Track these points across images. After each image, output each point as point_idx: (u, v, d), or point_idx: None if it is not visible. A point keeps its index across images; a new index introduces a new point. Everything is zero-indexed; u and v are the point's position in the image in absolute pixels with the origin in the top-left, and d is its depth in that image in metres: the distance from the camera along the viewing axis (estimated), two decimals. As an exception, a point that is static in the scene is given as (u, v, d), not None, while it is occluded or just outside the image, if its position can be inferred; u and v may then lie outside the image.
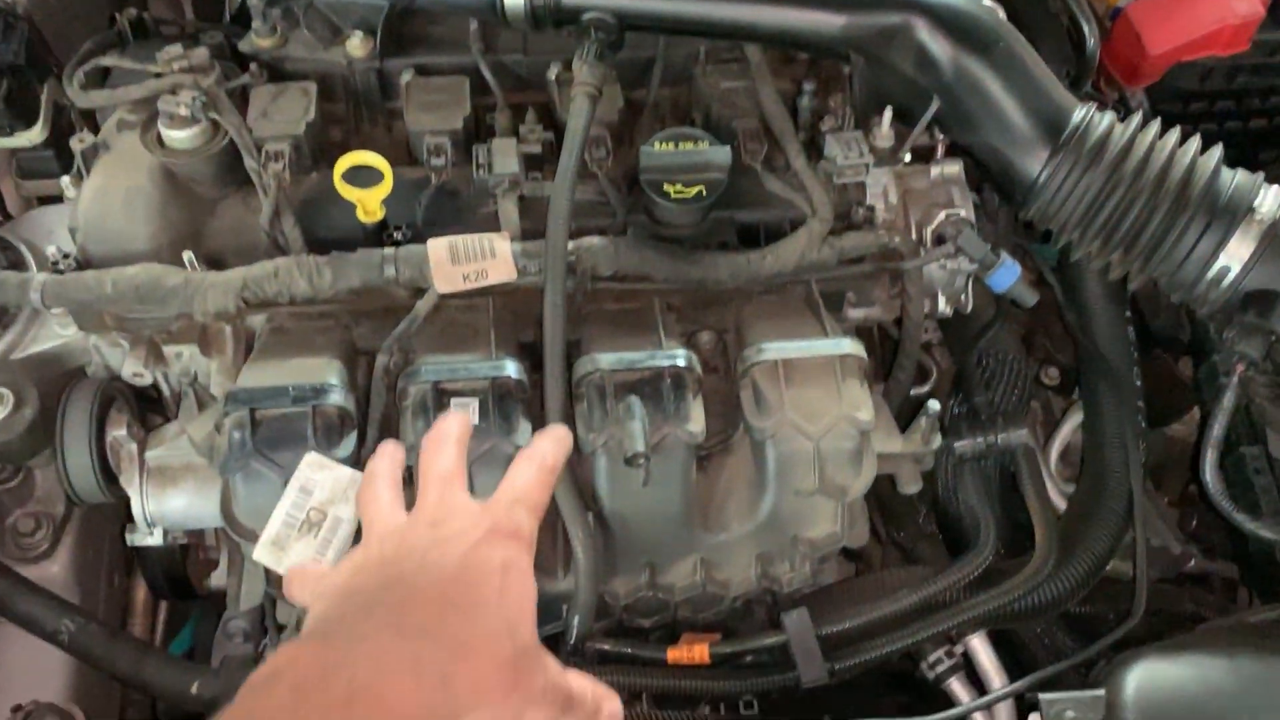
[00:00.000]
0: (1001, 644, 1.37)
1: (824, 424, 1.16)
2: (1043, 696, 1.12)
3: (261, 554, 1.12)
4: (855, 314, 1.39)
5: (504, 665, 0.76)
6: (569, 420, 1.17)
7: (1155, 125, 1.24)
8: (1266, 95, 1.60)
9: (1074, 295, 1.48)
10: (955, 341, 1.52)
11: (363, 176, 1.23)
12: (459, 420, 0.98)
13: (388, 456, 0.99)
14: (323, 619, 0.81)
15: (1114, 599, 1.43)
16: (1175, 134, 1.23)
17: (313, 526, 1.12)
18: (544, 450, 0.95)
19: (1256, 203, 1.19)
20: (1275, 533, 1.22)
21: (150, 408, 1.39)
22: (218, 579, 1.44)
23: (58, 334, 1.32)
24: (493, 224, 1.27)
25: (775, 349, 1.19)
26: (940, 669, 1.34)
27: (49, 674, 1.39)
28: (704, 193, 1.23)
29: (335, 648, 0.73)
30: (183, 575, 1.51)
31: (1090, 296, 1.45)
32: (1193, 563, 1.53)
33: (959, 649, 1.35)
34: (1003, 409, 1.40)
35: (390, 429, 1.20)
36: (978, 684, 1.34)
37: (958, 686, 1.33)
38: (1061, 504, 1.45)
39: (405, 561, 0.82)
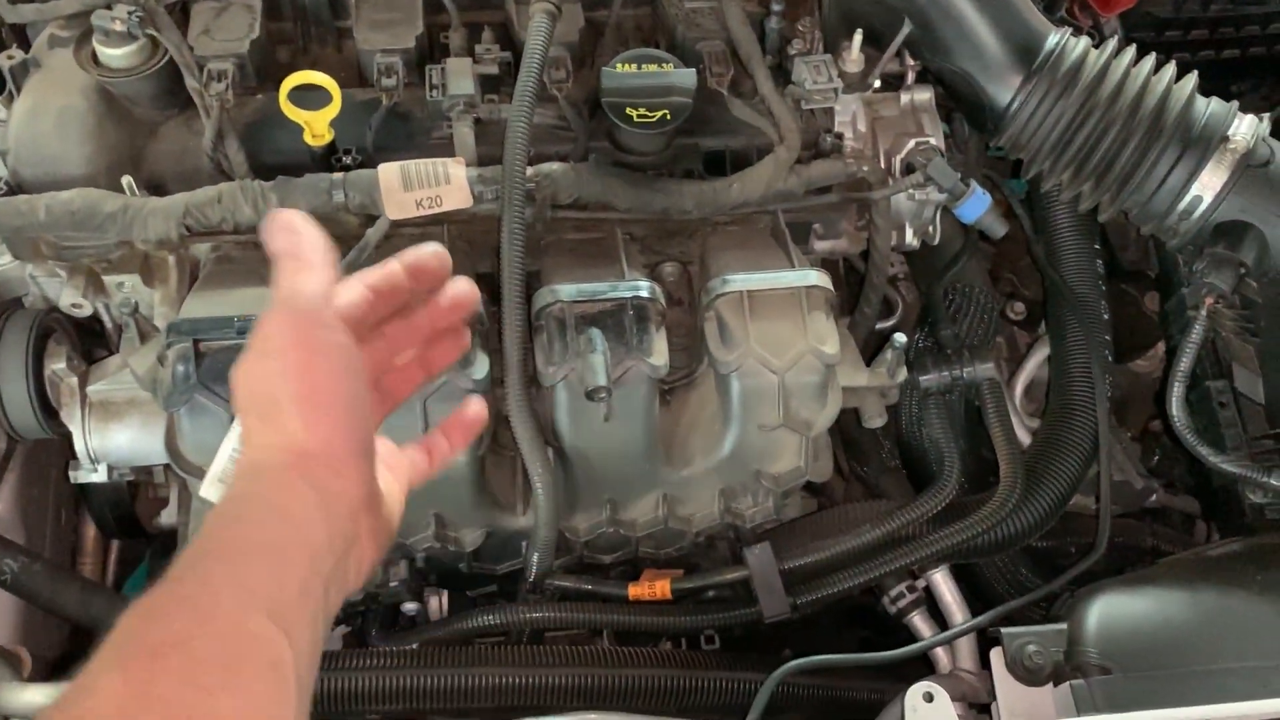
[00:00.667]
0: (963, 578, 1.37)
1: (789, 357, 1.14)
2: (1005, 631, 1.11)
3: (208, 491, 1.08)
4: (822, 246, 1.36)
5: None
6: (528, 353, 1.14)
7: (1130, 52, 1.21)
8: (1240, 24, 1.57)
9: (1043, 228, 1.46)
10: (922, 275, 1.49)
11: (310, 98, 1.17)
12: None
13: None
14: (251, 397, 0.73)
15: (1075, 533, 1.43)
16: (1150, 61, 1.21)
17: (262, 462, 1.08)
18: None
19: (1230, 131, 1.17)
20: (1238, 466, 1.22)
21: (92, 341, 1.34)
22: (168, 517, 1.41)
23: (-9, 264, 1.26)
24: (447, 149, 1.22)
25: (740, 280, 1.16)
26: (902, 603, 1.33)
27: (-6, 613, 1.36)
28: (668, 117, 1.18)
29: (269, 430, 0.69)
30: (131, 514, 1.47)
31: (1060, 229, 1.43)
32: (1154, 497, 1.54)
33: (921, 584, 1.35)
34: (969, 342, 1.38)
35: (342, 362, 1.16)
36: (939, 618, 1.34)
37: (919, 621, 1.33)
38: (1026, 439, 1.44)
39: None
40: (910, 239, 1.36)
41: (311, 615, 0.62)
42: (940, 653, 1.28)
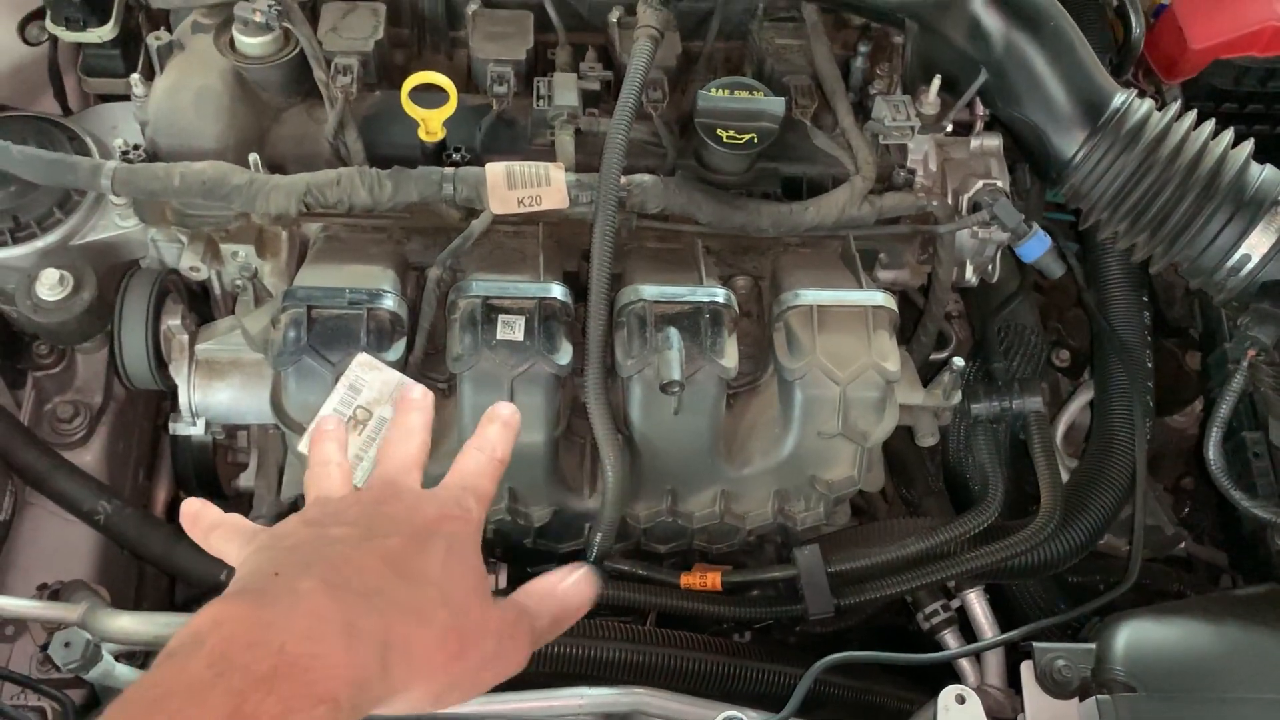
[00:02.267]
0: (996, 604, 1.43)
1: (852, 370, 1.21)
2: (1036, 645, 1.17)
3: (307, 445, 1.17)
4: (885, 276, 1.44)
5: (446, 635, 0.70)
6: (608, 346, 1.22)
7: (1190, 116, 1.29)
8: (1296, 103, 1.65)
9: (1095, 278, 1.53)
10: (977, 311, 1.57)
11: (428, 98, 1.27)
12: (425, 410, 0.90)
13: (335, 427, 0.95)
14: (254, 574, 0.71)
15: (1106, 571, 1.49)
16: (1209, 126, 1.29)
17: (358, 424, 1.17)
18: (492, 440, 0.87)
19: (1281, 197, 1.24)
20: (1269, 512, 1.28)
21: (196, 307, 1.44)
22: (246, 479, 1.49)
23: (117, 225, 1.36)
24: (548, 154, 1.31)
25: (811, 295, 1.24)
26: (935, 620, 1.39)
27: (76, 556, 1.44)
28: (755, 140, 1.27)
29: (266, 607, 0.64)
30: (213, 472, 1.56)
31: (1111, 279, 1.51)
32: (1183, 545, 1.59)
33: (955, 603, 1.41)
34: (1018, 377, 1.45)
35: (438, 340, 1.24)
36: (970, 638, 1.39)
37: (951, 639, 1.39)
38: (1065, 476, 1.50)
39: (347, 527, 0.75)
40: (970, 275, 1.44)
41: None
42: (968, 669, 1.34)
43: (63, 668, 1.06)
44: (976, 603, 1.38)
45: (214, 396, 1.31)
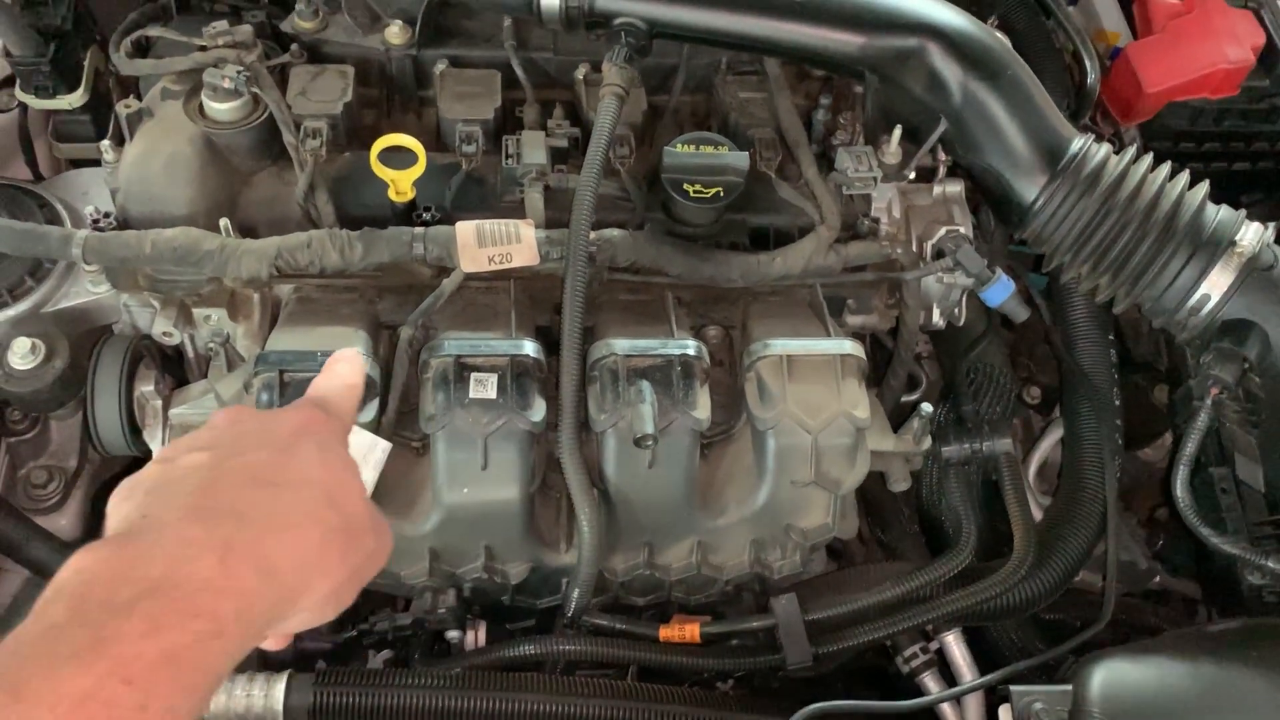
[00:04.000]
0: (975, 646, 1.44)
1: (823, 419, 1.23)
2: (1014, 688, 1.18)
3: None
4: (854, 321, 1.45)
5: (331, 535, 0.69)
6: (582, 401, 1.23)
7: (1148, 159, 1.32)
8: (1250, 140, 1.69)
9: (1062, 317, 1.55)
10: (946, 354, 1.59)
11: (398, 158, 1.28)
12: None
13: None
14: (120, 521, 0.68)
15: (1082, 608, 1.50)
16: (1165, 168, 1.31)
17: (332, 486, 1.17)
18: (340, 372, 0.88)
19: (1238, 237, 1.27)
20: (1237, 548, 1.29)
21: (170, 370, 1.44)
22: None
23: (89, 291, 1.36)
24: (517, 212, 1.32)
25: (781, 345, 1.26)
26: (915, 663, 1.40)
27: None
28: (721, 194, 1.29)
29: (130, 545, 0.62)
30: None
31: (1077, 318, 1.53)
32: (1158, 579, 1.61)
33: (934, 645, 1.42)
34: (988, 418, 1.47)
35: (411, 399, 1.25)
36: (950, 680, 1.40)
37: (930, 682, 1.39)
38: (1038, 516, 1.52)
39: (203, 452, 0.71)
40: (937, 319, 1.46)
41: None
42: (948, 713, 1.34)
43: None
44: (955, 645, 1.38)
45: (188, 461, 1.31)
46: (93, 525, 1.53)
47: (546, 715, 1.18)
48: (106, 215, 1.28)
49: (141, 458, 1.36)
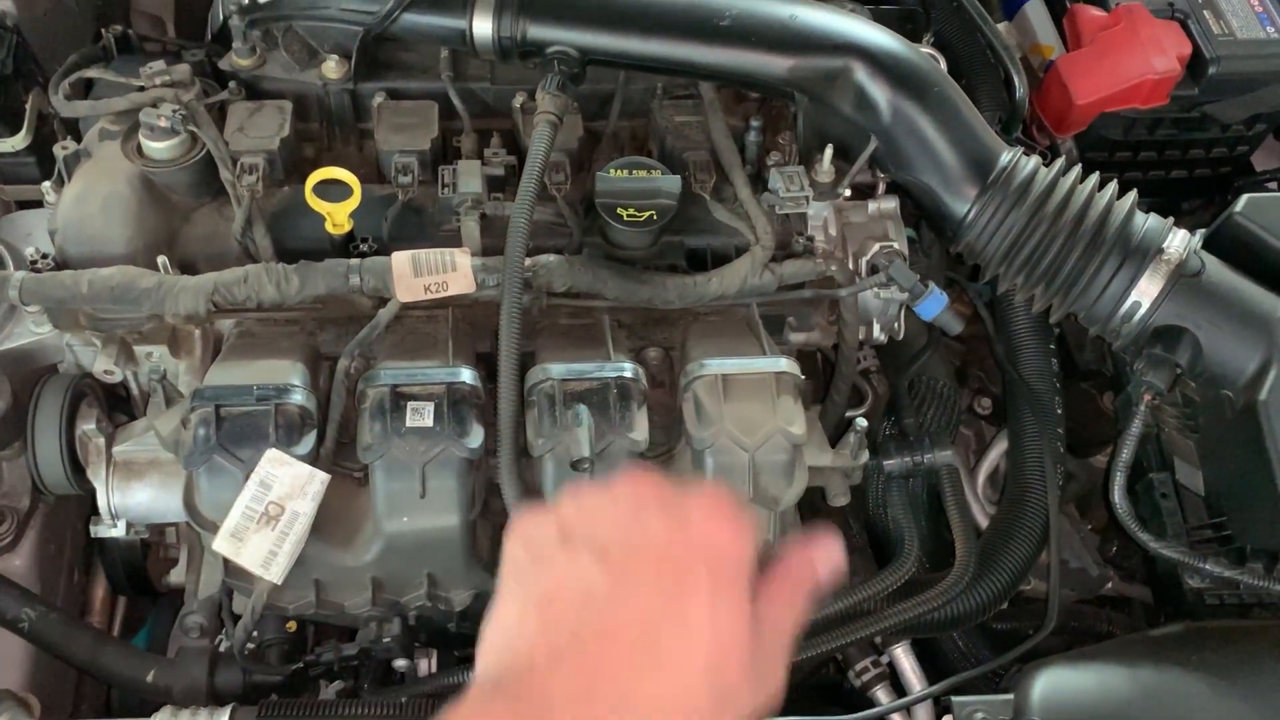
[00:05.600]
0: (925, 657, 1.45)
1: (759, 436, 1.24)
2: (955, 700, 1.19)
3: (221, 544, 1.18)
4: (796, 338, 1.47)
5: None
6: (520, 427, 1.24)
7: (1076, 170, 1.34)
8: (1186, 148, 1.71)
9: (1003, 328, 1.57)
10: (891, 368, 1.60)
11: (333, 191, 1.30)
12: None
13: None
14: (506, 667, 0.68)
15: (1033, 616, 1.51)
16: (1094, 179, 1.33)
17: (271, 520, 1.18)
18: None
19: (1166, 244, 1.29)
20: (1176, 552, 1.31)
21: (118, 407, 1.45)
22: (176, 575, 1.49)
23: (32, 332, 1.37)
24: (455, 240, 1.34)
25: (716, 365, 1.27)
26: (866, 677, 1.41)
27: (7, 663, 1.43)
28: (655, 217, 1.31)
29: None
30: (143, 571, 1.56)
31: (1018, 329, 1.54)
32: (1110, 585, 1.62)
33: (884, 659, 1.43)
34: (930, 431, 1.48)
35: (350, 430, 1.26)
36: (901, 692, 1.41)
37: (882, 694, 1.40)
38: (986, 525, 1.53)
39: (610, 565, 0.69)
40: (878, 333, 1.47)
41: None
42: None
43: (-27, 786, 1.05)
44: (904, 657, 1.40)
45: (133, 497, 1.32)
46: (47, 565, 1.53)
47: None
48: (45, 256, 1.29)
49: (87, 496, 1.36)
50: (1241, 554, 1.33)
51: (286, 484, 1.18)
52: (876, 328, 1.46)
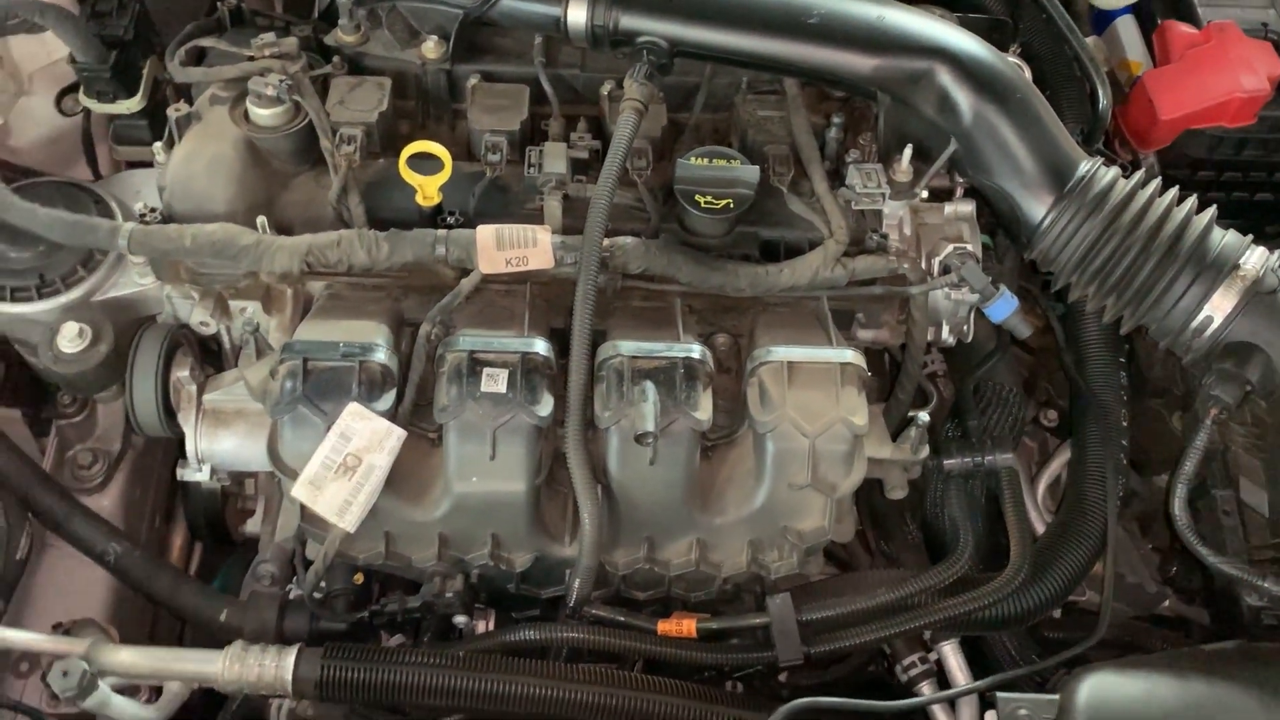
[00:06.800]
0: (975, 660, 1.46)
1: (821, 424, 1.27)
2: (1000, 695, 1.20)
3: (300, 491, 1.24)
4: (864, 335, 1.49)
5: None
6: (588, 399, 1.28)
7: (1156, 182, 1.34)
8: (1272, 169, 1.69)
9: (1074, 339, 1.57)
10: (958, 372, 1.61)
11: (425, 164, 1.35)
12: None
13: None
14: None
15: (1086, 627, 1.50)
16: (1173, 192, 1.33)
17: (348, 470, 1.24)
18: None
19: (1242, 260, 1.28)
20: (1235, 568, 1.30)
21: (210, 360, 1.52)
22: (253, 525, 1.57)
23: (135, 283, 1.45)
24: (538, 219, 1.38)
25: (783, 352, 1.30)
26: (913, 673, 1.43)
27: (89, 596, 1.52)
28: (731, 205, 1.34)
29: None
30: (221, 520, 1.63)
31: (1088, 340, 1.55)
32: (1167, 603, 1.61)
33: (933, 656, 1.44)
34: (993, 433, 1.49)
35: (428, 393, 1.31)
36: (947, 689, 1.42)
37: (928, 690, 1.42)
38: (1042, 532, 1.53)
39: None
40: (946, 335, 1.49)
41: None
42: (939, 716, 1.36)
43: (60, 695, 1.12)
44: (952, 655, 1.41)
45: (218, 444, 1.39)
46: (132, 507, 1.62)
47: (540, 698, 1.23)
48: (153, 210, 1.37)
49: (173, 444, 1.44)
50: (1302, 577, 1.31)
51: (365, 437, 1.24)
52: (945, 329, 1.48)
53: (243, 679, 1.24)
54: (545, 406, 1.26)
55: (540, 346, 1.29)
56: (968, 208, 1.47)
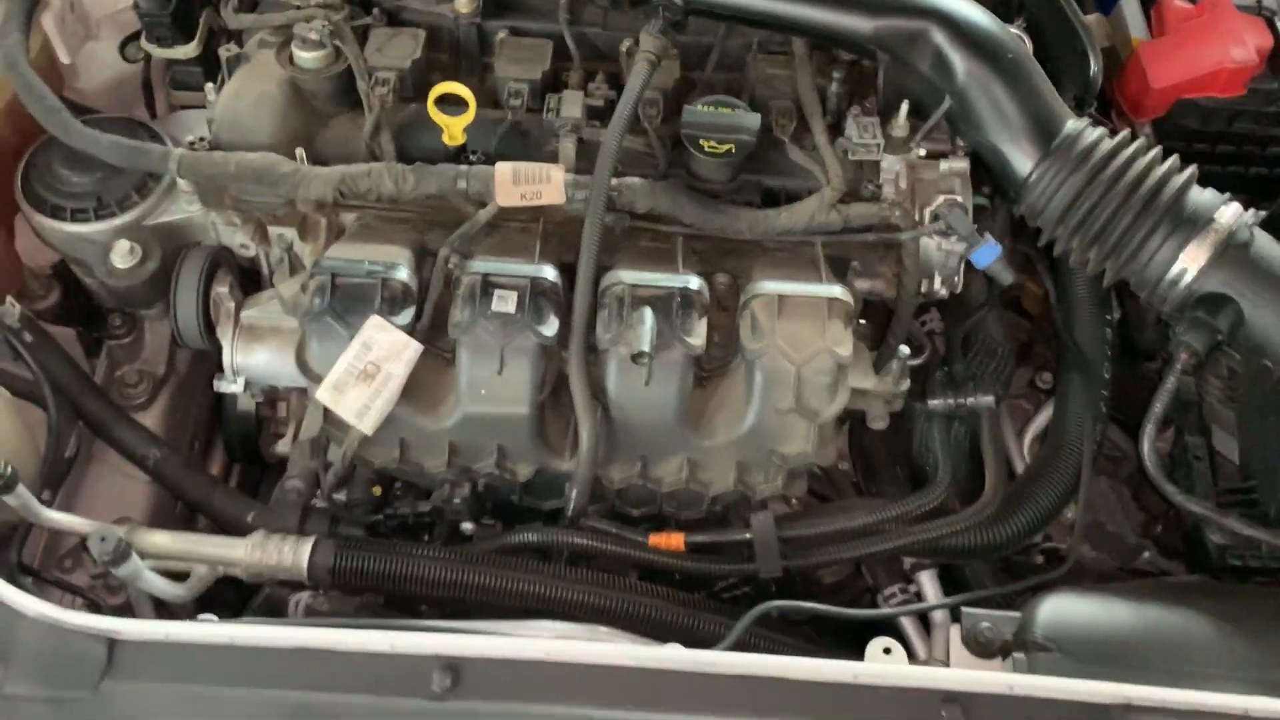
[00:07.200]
0: (953, 592, 1.53)
1: (807, 353, 1.35)
2: (965, 610, 1.28)
3: (323, 394, 1.35)
4: (861, 285, 1.56)
5: None
6: (591, 324, 1.38)
7: (1139, 141, 1.41)
8: (1265, 144, 1.75)
9: (1063, 294, 1.64)
10: (950, 322, 1.69)
11: (453, 108, 1.46)
12: None
13: None
14: None
15: (1069, 575, 1.57)
16: (1156, 150, 1.40)
17: (368, 377, 1.35)
18: None
19: (1217, 215, 1.35)
20: (1200, 507, 1.36)
21: (249, 281, 1.64)
22: (283, 445, 1.68)
23: (184, 209, 1.57)
24: (555, 160, 1.48)
25: (774, 286, 1.39)
26: (894, 601, 1.50)
27: (131, 504, 1.63)
28: (733, 151, 1.43)
29: None
30: (254, 442, 1.75)
31: (1076, 296, 1.62)
32: (1147, 555, 1.67)
33: (913, 587, 1.52)
34: (976, 377, 1.57)
35: (443, 316, 1.41)
36: (925, 619, 1.49)
37: (906, 619, 1.49)
38: (1023, 477, 1.60)
39: None
40: (938, 285, 1.56)
41: None
42: (917, 643, 1.44)
43: (97, 559, 1.23)
44: (929, 582, 1.48)
45: (253, 358, 1.50)
46: (173, 427, 1.74)
47: (534, 595, 1.33)
48: (202, 139, 1.49)
49: (212, 363, 1.55)
50: (1266, 518, 1.37)
51: (385, 348, 1.35)
52: (937, 280, 1.56)
53: (263, 563, 1.35)
54: (550, 327, 1.36)
55: (549, 272, 1.39)
56: (962, 164, 1.55)
